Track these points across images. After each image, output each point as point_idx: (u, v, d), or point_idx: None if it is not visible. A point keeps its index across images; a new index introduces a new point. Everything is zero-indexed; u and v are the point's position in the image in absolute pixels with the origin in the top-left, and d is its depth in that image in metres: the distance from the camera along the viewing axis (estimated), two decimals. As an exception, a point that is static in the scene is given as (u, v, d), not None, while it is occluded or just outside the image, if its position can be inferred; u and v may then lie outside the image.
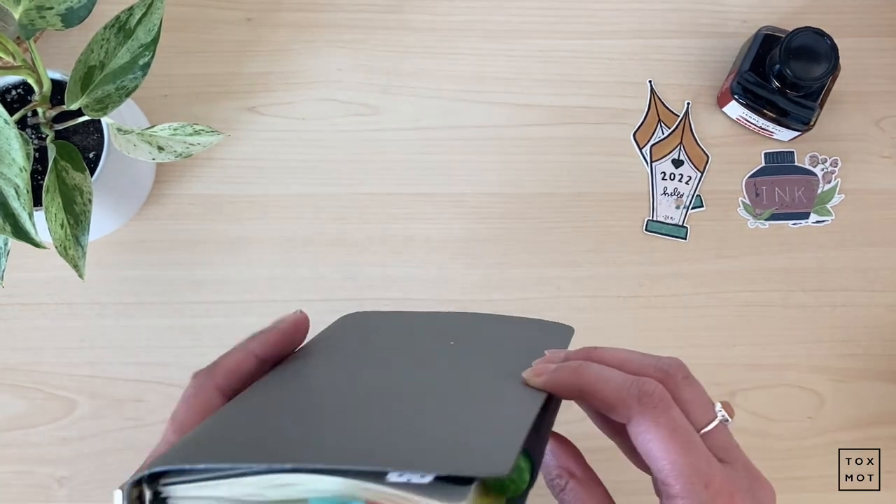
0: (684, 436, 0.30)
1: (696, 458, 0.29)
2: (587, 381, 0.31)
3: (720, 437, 0.31)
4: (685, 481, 0.29)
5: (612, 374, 0.31)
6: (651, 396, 0.30)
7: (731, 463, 0.31)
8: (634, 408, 0.30)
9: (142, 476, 0.26)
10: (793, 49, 0.53)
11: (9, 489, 0.55)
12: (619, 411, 0.30)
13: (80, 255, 0.44)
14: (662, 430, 0.29)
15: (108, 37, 0.45)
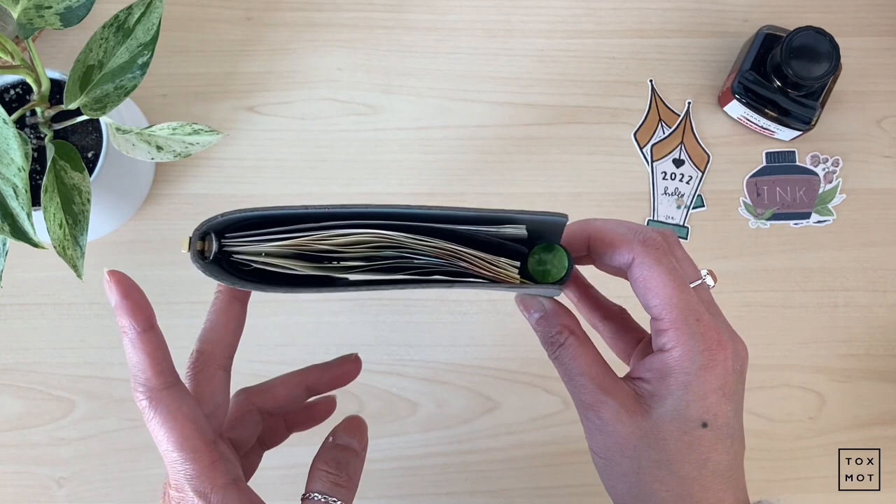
0: (680, 278, 0.32)
1: (689, 297, 0.32)
2: (595, 228, 0.33)
3: (704, 294, 0.34)
4: (679, 313, 0.31)
5: (616, 224, 0.33)
6: (653, 241, 0.33)
7: (714, 315, 0.33)
8: (637, 248, 0.32)
9: (208, 227, 0.27)
10: (794, 48, 0.53)
11: (8, 490, 0.55)
12: (622, 252, 0.32)
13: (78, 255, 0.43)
14: (662, 268, 0.32)
15: (106, 36, 0.45)
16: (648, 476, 0.32)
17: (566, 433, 0.56)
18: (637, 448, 0.32)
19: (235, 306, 0.34)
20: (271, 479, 0.55)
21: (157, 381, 0.30)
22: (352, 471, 0.32)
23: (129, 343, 0.30)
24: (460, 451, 0.56)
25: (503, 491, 0.56)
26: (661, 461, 0.32)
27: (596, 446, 0.33)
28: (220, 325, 0.33)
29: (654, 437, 0.32)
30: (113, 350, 0.56)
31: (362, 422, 0.33)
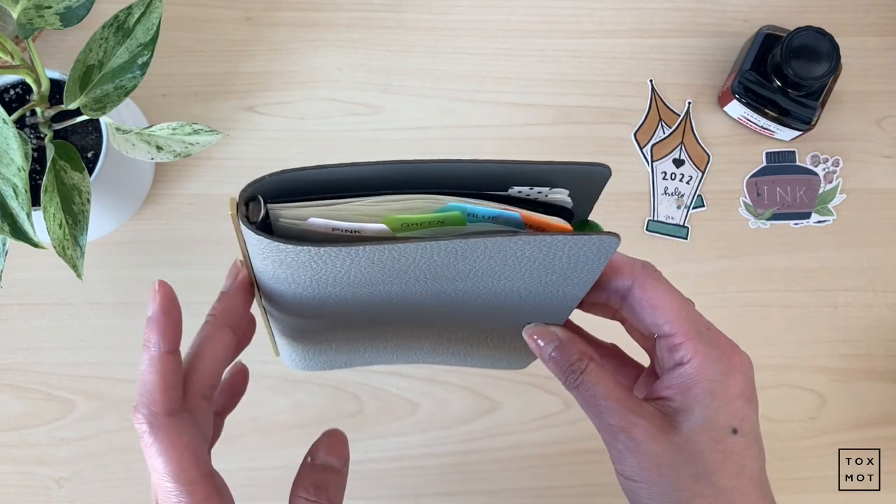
0: (680, 294, 0.33)
1: (693, 310, 0.33)
2: None
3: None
4: (690, 325, 0.32)
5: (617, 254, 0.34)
6: (652, 267, 0.34)
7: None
8: (639, 271, 0.33)
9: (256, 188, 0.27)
10: (794, 48, 0.53)
11: (7, 490, 0.55)
12: (623, 276, 0.34)
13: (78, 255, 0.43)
14: (665, 285, 0.33)
15: (106, 36, 0.45)
16: (688, 492, 0.31)
17: (566, 433, 0.56)
18: (673, 465, 0.31)
19: (226, 335, 0.32)
20: (271, 479, 0.55)
21: (163, 407, 0.29)
22: (333, 491, 0.31)
23: (147, 360, 0.29)
24: (460, 451, 0.56)
25: (503, 491, 0.56)
26: (700, 474, 0.31)
27: (628, 470, 0.32)
28: (206, 353, 0.32)
29: (689, 450, 0.31)
30: (113, 350, 0.56)
31: (341, 436, 0.32)
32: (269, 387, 0.56)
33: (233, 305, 0.32)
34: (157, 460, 0.29)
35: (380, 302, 0.31)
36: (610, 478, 0.53)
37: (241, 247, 0.29)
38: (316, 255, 0.27)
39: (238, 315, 0.32)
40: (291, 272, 0.28)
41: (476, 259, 0.29)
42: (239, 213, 0.28)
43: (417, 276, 0.29)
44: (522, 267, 0.30)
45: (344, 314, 0.32)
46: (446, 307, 0.32)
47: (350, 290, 0.29)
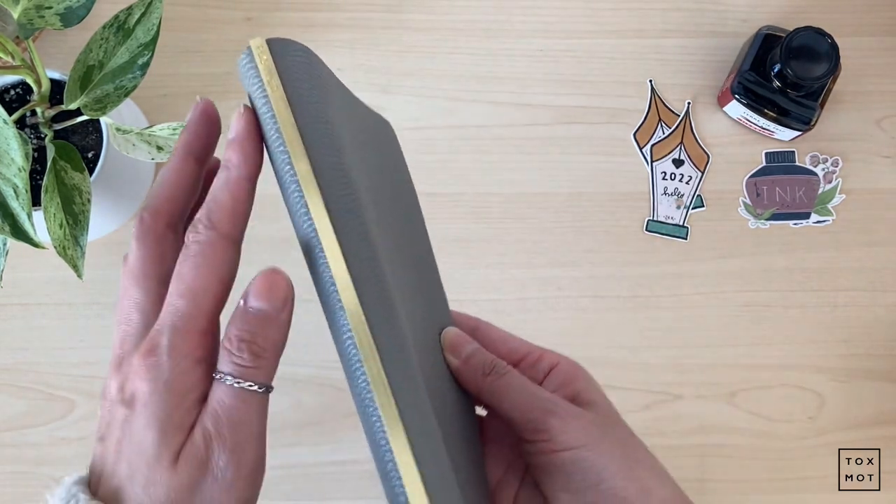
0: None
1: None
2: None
3: None
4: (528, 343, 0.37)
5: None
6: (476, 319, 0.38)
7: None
8: (473, 320, 0.38)
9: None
10: (793, 48, 0.53)
11: (7, 489, 0.55)
12: (463, 322, 0.37)
13: (78, 254, 0.43)
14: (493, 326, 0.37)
15: (106, 36, 0.45)
16: (630, 444, 0.33)
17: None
18: (607, 427, 0.33)
19: (189, 163, 0.30)
20: (271, 479, 0.55)
21: (226, 231, 0.27)
22: (262, 344, 0.27)
23: (224, 180, 0.27)
24: (460, 451, 0.56)
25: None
26: (628, 434, 0.34)
27: (572, 439, 0.32)
28: (171, 182, 0.29)
29: (610, 417, 0.34)
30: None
31: (279, 276, 0.28)
32: (270, 387, 0.56)
33: (195, 133, 0.30)
34: (190, 272, 0.26)
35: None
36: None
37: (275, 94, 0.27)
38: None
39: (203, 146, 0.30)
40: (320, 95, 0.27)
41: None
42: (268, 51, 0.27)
43: None
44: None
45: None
46: None
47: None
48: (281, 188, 0.28)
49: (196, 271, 0.26)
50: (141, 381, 0.26)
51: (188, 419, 0.26)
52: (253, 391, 0.27)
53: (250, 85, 0.28)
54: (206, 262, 0.26)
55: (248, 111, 0.28)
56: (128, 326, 0.28)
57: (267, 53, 0.27)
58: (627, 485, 0.31)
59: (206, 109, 0.30)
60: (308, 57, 0.28)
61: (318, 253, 0.26)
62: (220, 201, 0.27)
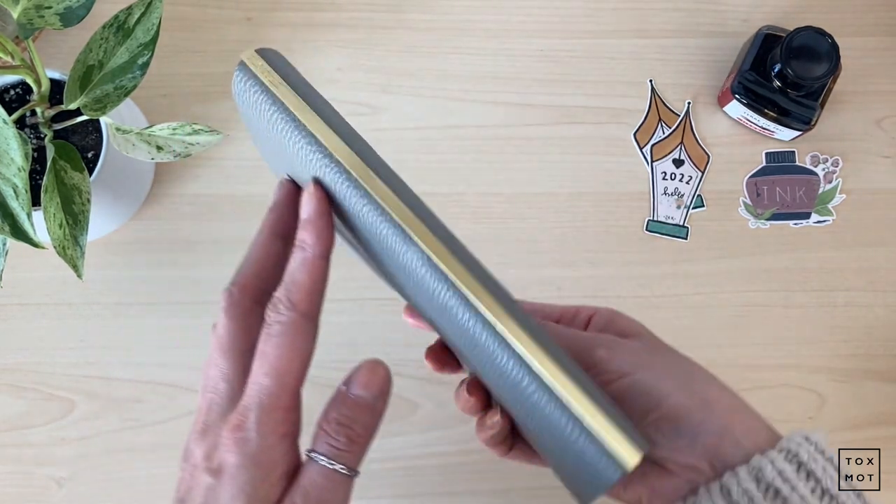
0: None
1: None
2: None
3: None
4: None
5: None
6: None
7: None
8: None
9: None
10: (794, 48, 0.53)
11: (7, 489, 0.55)
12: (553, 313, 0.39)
13: (78, 254, 0.43)
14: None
15: (106, 36, 0.45)
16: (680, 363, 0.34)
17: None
18: (653, 351, 0.34)
19: (276, 243, 0.31)
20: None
21: (304, 308, 0.28)
22: (358, 430, 0.29)
23: (301, 260, 0.28)
24: (460, 451, 0.56)
25: (503, 491, 0.56)
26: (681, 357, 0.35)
27: (625, 365, 0.32)
28: (258, 259, 0.31)
29: (660, 344, 0.35)
30: (113, 350, 0.56)
31: (381, 368, 0.29)
32: (269, 387, 0.56)
33: (281, 215, 0.31)
34: (273, 351, 0.28)
35: None
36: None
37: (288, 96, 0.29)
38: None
39: (286, 222, 0.31)
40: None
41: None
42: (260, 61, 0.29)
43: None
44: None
45: None
46: None
47: None
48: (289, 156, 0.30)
49: (279, 351, 0.28)
50: (229, 454, 0.27)
51: (274, 494, 0.28)
52: (343, 474, 0.29)
53: (252, 92, 0.30)
54: (288, 342, 0.28)
55: (317, 189, 0.28)
56: (214, 395, 0.29)
57: (260, 59, 0.30)
58: (687, 400, 0.32)
59: (290, 191, 0.32)
60: (286, 62, 0.31)
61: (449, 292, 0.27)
62: (298, 282, 0.28)
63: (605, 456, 0.25)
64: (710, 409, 0.31)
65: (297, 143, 0.28)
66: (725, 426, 0.31)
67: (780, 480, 0.30)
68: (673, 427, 0.31)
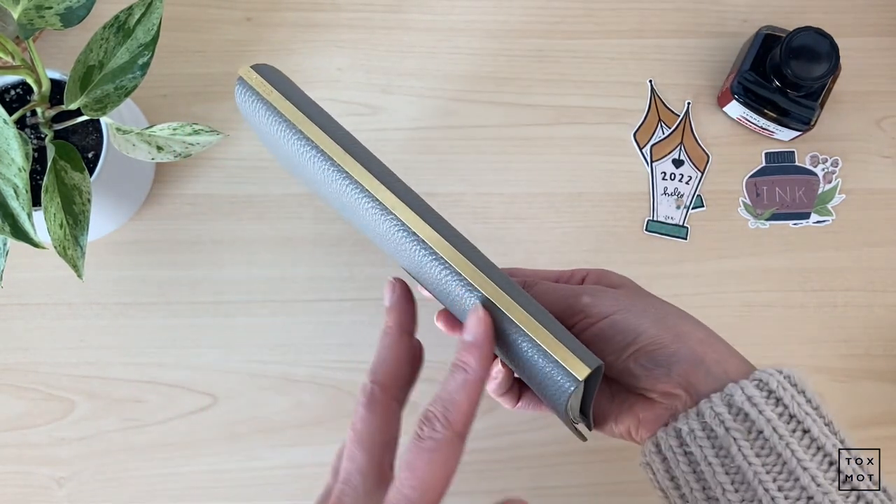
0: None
1: None
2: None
3: None
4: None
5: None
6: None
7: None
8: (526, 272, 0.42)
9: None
10: (793, 49, 0.53)
11: (8, 489, 0.55)
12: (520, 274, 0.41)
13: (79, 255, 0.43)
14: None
15: (107, 36, 0.45)
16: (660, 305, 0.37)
17: (566, 433, 0.56)
18: (636, 295, 0.38)
19: (405, 339, 0.34)
20: (272, 479, 0.55)
21: (460, 429, 0.30)
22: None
23: (461, 382, 0.31)
24: (460, 451, 0.56)
25: (503, 491, 0.56)
26: (662, 302, 0.38)
27: (606, 307, 0.36)
28: (394, 358, 0.33)
29: (642, 292, 0.39)
30: (113, 350, 0.56)
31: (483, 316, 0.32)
32: (270, 387, 0.56)
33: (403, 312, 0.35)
34: (424, 467, 0.29)
35: None
36: (610, 477, 0.53)
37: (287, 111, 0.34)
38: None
39: (410, 321, 0.35)
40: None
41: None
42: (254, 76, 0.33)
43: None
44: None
45: None
46: None
47: None
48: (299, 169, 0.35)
49: (429, 466, 0.29)
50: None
51: None
52: None
53: (251, 101, 0.34)
54: (439, 458, 0.29)
55: (486, 316, 0.31)
56: (347, 486, 0.31)
57: (255, 73, 0.33)
58: (662, 333, 0.35)
59: (403, 290, 0.35)
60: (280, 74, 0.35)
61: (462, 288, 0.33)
62: (457, 403, 0.30)
63: (565, 373, 0.31)
64: (682, 341, 0.35)
65: (290, 140, 0.33)
66: (697, 355, 0.34)
67: (749, 405, 0.32)
68: (649, 357, 0.34)
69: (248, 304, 0.57)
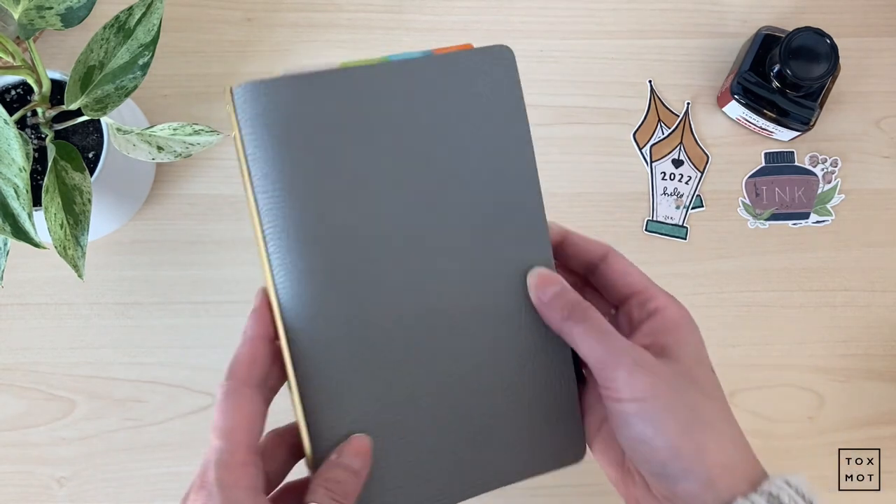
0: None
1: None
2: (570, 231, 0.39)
3: None
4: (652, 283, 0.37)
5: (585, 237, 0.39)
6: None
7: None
8: (608, 246, 0.38)
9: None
10: (793, 49, 0.53)
11: (8, 489, 0.55)
12: (598, 247, 0.39)
13: (79, 255, 0.43)
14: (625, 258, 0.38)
15: (107, 37, 0.45)
16: (698, 405, 0.33)
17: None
18: (680, 386, 0.33)
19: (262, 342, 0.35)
20: (271, 478, 0.55)
21: (242, 377, 0.33)
22: (348, 490, 0.33)
23: (241, 342, 0.34)
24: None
25: (503, 491, 0.56)
26: (703, 396, 0.34)
27: (638, 390, 0.32)
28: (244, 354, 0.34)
29: (689, 377, 0.34)
30: (113, 350, 0.56)
31: (366, 444, 0.34)
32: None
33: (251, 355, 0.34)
34: (218, 417, 0.31)
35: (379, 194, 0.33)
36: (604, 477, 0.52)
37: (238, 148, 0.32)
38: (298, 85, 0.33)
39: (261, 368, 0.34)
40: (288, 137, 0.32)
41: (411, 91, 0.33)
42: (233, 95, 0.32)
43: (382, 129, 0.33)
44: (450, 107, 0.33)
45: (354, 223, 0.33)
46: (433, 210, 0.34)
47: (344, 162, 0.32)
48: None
49: (223, 415, 0.31)
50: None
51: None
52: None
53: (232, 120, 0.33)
54: (229, 406, 0.32)
55: (260, 293, 0.34)
56: (204, 473, 0.32)
57: (230, 103, 0.32)
58: (683, 443, 0.32)
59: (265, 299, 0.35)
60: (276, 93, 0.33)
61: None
62: (237, 357, 0.33)
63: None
64: (702, 459, 0.32)
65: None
66: (711, 478, 0.32)
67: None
68: (661, 464, 0.32)
69: (249, 303, 0.57)
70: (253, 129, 0.31)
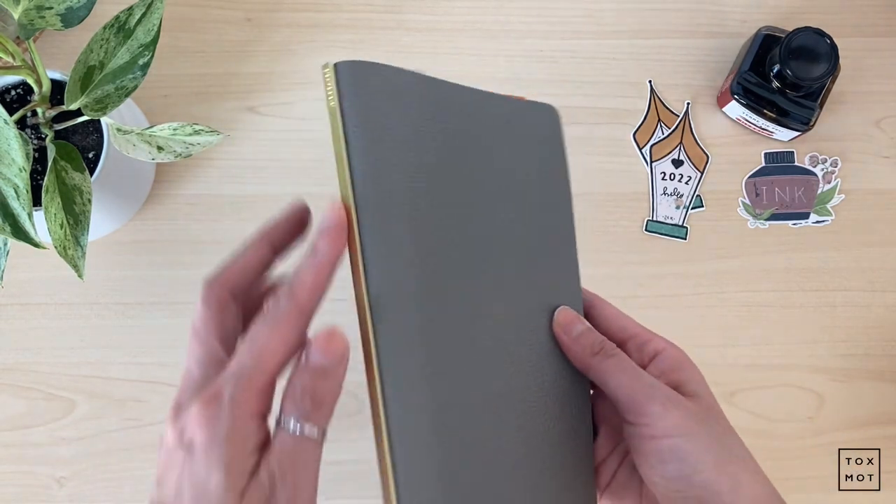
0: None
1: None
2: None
3: None
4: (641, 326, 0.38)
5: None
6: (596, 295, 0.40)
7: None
8: (589, 294, 0.39)
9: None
10: (793, 49, 0.53)
11: (9, 489, 0.55)
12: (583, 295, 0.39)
13: (79, 255, 0.44)
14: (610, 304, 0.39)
15: (107, 37, 0.45)
16: (727, 440, 0.34)
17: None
18: (707, 420, 0.34)
19: (264, 249, 0.33)
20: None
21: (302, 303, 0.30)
22: (320, 393, 0.30)
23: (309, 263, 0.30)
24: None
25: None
26: (726, 430, 0.35)
27: (671, 427, 0.33)
28: (243, 258, 0.32)
29: (712, 410, 0.35)
30: (113, 350, 0.56)
31: (337, 335, 0.30)
32: (270, 387, 0.56)
33: (280, 229, 0.33)
34: (264, 336, 0.29)
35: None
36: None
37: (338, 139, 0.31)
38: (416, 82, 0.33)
39: (283, 239, 0.33)
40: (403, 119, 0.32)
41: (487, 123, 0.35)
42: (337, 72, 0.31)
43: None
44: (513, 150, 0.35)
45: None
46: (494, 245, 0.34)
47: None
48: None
49: (270, 335, 0.29)
50: (200, 428, 0.28)
51: (248, 464, 0.28)
52: (311, 438, 0.29)
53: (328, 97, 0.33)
54: (280, 328, 0.29)
55: (342, 210, 0.31)
56: (188, 379, 0.30)
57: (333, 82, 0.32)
58: (720, 478, 0.32)
59: (301, 215, 0.34)
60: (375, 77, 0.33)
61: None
62: (303, 280, 0.30)
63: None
64: (737, 494, 0.32)
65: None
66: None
67: None
68: (696, 499, 0.33)
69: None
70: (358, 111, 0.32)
